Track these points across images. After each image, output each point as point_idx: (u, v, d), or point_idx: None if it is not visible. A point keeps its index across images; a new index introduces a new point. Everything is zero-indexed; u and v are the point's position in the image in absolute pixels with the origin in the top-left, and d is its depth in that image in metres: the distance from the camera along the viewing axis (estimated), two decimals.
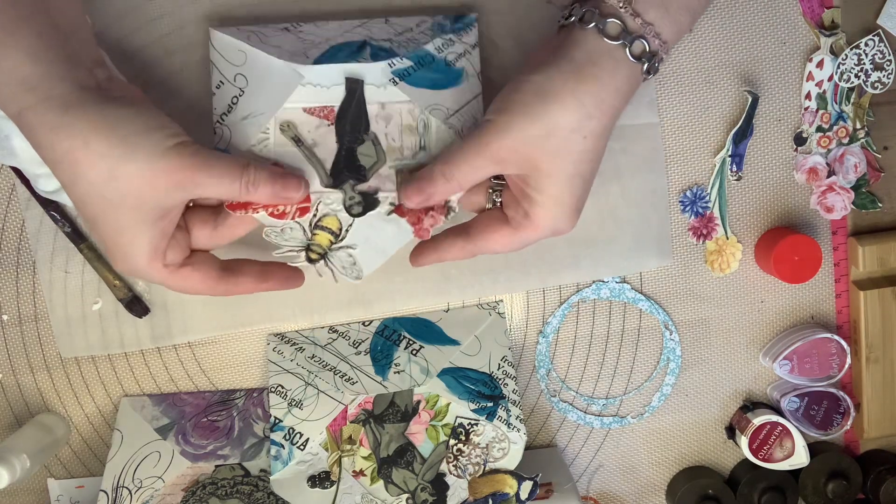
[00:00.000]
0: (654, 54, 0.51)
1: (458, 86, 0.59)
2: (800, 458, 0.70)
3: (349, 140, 0.57)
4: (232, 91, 0.58)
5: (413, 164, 0.58)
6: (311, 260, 0.58)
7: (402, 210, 0.57)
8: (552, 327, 0.70)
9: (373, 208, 0.57)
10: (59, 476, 0.69)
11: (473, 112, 0.59)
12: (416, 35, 0.60)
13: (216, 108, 0.58)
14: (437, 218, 0.57)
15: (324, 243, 0.57)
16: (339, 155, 0.57)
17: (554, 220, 0.53)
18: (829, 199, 0.69)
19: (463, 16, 0.61)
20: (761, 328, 0.71)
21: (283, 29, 0.60)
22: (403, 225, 0.57)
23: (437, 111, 0.58)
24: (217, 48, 0.59)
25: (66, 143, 0.46)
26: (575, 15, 0.52)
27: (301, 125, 0.57)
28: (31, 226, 0.64)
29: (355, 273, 0.58)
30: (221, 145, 0.58)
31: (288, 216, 0.56)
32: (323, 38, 0.59)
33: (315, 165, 0.57)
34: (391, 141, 0.58)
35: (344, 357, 0.66)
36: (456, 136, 0.58)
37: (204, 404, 0.68)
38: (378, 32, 0.60)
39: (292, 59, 0.57)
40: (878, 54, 0.67)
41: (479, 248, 0.56)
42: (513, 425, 0.63)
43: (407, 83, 0.58)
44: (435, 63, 0.59)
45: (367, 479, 0.63)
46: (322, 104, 0.57)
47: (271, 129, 0.57)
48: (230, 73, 0.58)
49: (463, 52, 0.60)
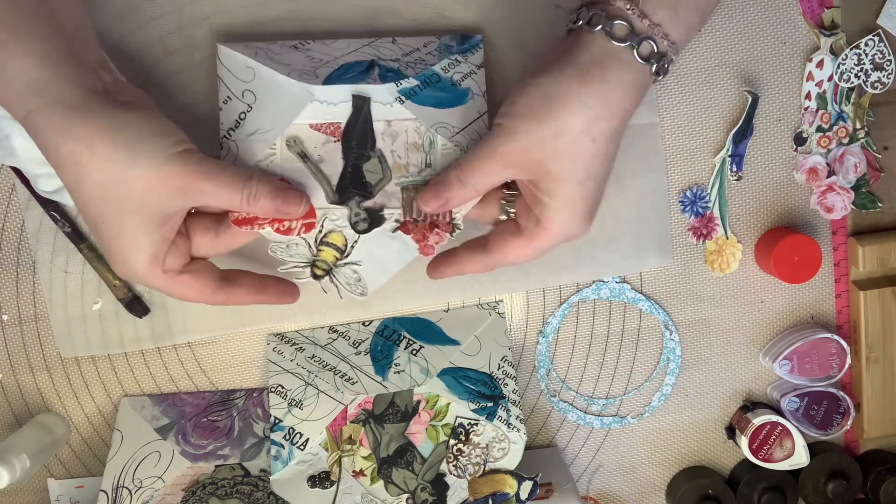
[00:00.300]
0: (662, 55, 0.51)
1: (464, 104, 0.59)
2: (800, 458, 0.70)
3: (355, 157, 0.58)
4: (240, 107, 0.58)
5: (419, 181, 0.58)
6: (317, 276, 0.58)
7: (407, 227, 0.58)
8: (552, 327, 0.70)
9: (378, 225, 0.58)
10: (59, 476, 0.69)
11: (478, 130, 0.60)
12: (423, 56, 0.60)
13: (223, 122, 0.58)
14: (443, 235, 0.58)
15: (329, 259, 0.58)
16: (346, 171, 0.58)
17: (565, 224, 0.53)
18: (829, 199, 0.69)
19: (469, 36, 0.62)
20: (761, 328, 0.71)
21: (291, 47, 0.60)
22: (408, 242, 0.58)
23: (443, 129, 0.58)
24: (224, 64, 0.59)
25: (72, 146, 0.47)
26: (582, 18, 0.52)
27: (307, 141, 0.58)
28: (31, 226, 0.64)
29: (360, 289, 0.59)
30: (228, 160, 0.58)
31: (294, 232, 0.57)
32: (331, 56, 0.60)
33: (321, 181, 0.58)
34: (397, 158, 0.58)
35: (344, 357, 0.66)
36: (461, 153, 0.58)
37: (204, 404, 0.68)
38: (386, 52, 0.60)
39: (302, 78, 0.57)
40: (877, 54, 0.67)
41: (497, 260, 0.56)
42: (513, 425, 0.63)
43: (413, 102, 0.58)
44: (441, 82, 0.59)
45: (367, 479, 0.63)
46: (329, 121, 0.58)
47: (278, 145, 0.58)
48: (238, 88, 0.58)
49: (469, 72, 0.60)
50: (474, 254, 0.57)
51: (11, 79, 0.46)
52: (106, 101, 0.48)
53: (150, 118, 0.50)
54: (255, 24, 0.62)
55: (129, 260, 0.51)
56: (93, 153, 0.47)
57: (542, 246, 0.54)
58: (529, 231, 0.54)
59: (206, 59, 0.63)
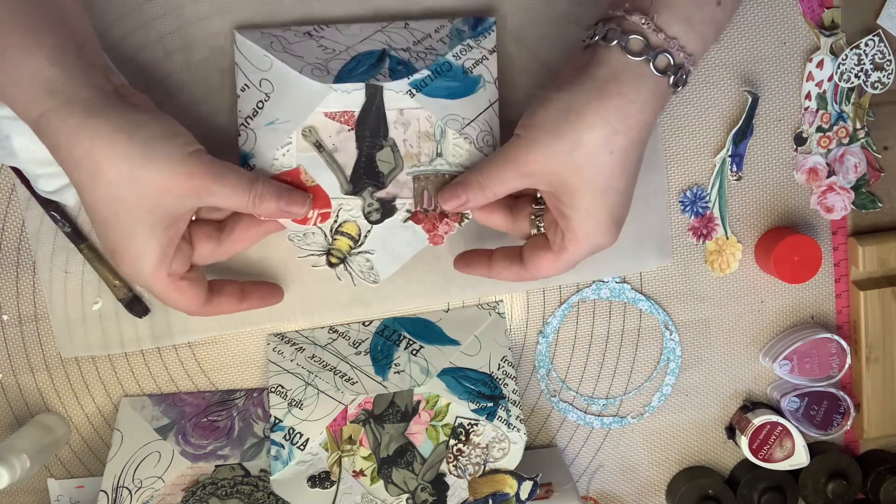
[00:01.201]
0: (679, 67, 0.51)
1: (475, 93, 0.60)
2: (800, 459, 0.70)
3: (368, 146, 0.59)
4: (257, 95, 0.59)
5: (430, 171, 0.59)
6: (332, 264, 0.61)
7: (417, 217, 0.60)
8: (552, 327, 0.70)
9: (390, 215, 0.60)
10: (59, 476, 0.69)
11: (488, 120, 0.60)
12: (434, 43, 0.61)
13: (241, 110, 0.60)
14: (452, 225, 0.60)
15: (344, 248, 0.60)
16: (359, 161, 0.59)
17: (589, 235, 0.53)
18: (829, 200, 0.69)
19: (482, 19, 0.62)
20: (761, 328, 0.71)
21: (304, 34, 0.61)
22: (419, 232, 0.60)
23: (453, 121, 0.59)
24: (241, 51, 0.60)
25: (88, 145, 0.48)
26: (598, 34, 0.52)
27: (322, 130, 0.59)
28: (31, 226, 0.64)
29: (372, 277, 0.61)
30: (246, 147, 0.59)
31: (310, 222, 0.59)
32: (343, 45, 0.60)
33: (336, 171, 0.59)
34: (409, 147, 0.59)
35: (344, 357, 0.66)
36: (470, 145, 0.60)
37: (204, 404, 0.68)
38: (398, 39, 0.61)
39: (315, 74, 0.58)
40: (878, 54, 0.67)
41: (531, 274, 0.57)
42: (513, 425, 0.63)
43: (424, 94, 0.59)
44: (452, 71, 0.60)
45: (367, 479, 0.63)
46: (342, 109, 0.59)
47: (294, 135, 0.59)
48: (255, 77, 0.59)
49: (480, 58, 0.61)
50: (511, 265, 0.58)
51: (26, 79, 0.47)
52: (119, 103, 0.49)
53: (161, 119, 0.51)
54: (255, 25, 0.62)
55: (137, 261, 0.51)
56: (112, 151, 0.48)
57: (570, 258, 0.55)
58: (557, 245, 0.55)
59: (207, 59, 0.63)
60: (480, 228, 0.64)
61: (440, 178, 0.60)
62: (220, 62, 0.63)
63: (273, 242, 0.65)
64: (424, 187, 0.60)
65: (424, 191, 0.60)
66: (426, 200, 0.60)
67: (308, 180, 0.59)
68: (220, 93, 0.63)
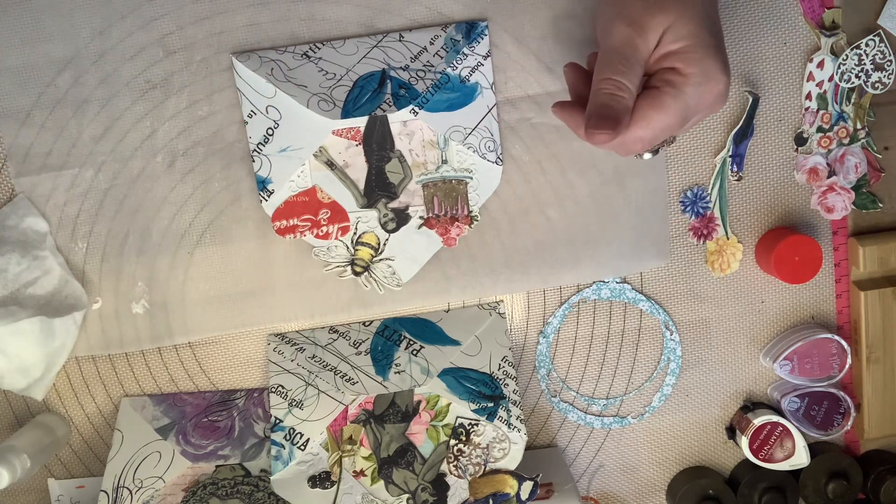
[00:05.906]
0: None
1: (473, 102, 0.63)
2: (800, 459, 0.70)
3: (377, 159, 0.63)
4: (266, 122, 0.62)
5: (437, 178, 0.63)
6: (357, 273, 0.65)
7: (430, 223, 0.64)
8: (553, 327, 0.70)
9: (405, 223, 0.64)
10: (59, 476, 0.69)
11: (488, 125, 0.63)
12: (431, 58, 0.62)
13: (251, 136, 0.62)
14: (463, 228, 0.64)
15: (366, 257, 0.64)
16: (370, 174, 0.63)
17: (702, 61, 0.51)
18: (829, 200, 0.69)
19: (474, 24, 0.62)
20: (762, 328, 0.71)
21: (302, 55, 0.62)
22: (433, 236, 0.64)
23: (456, 132, 0.62)
24: (243, 77, 0.62)
25: None
26: None
27: (331, 147, 0.62)
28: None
29: (395, 281, 0.65)
30: (262, 173, 0.62)
31: (332, 237, 0.64)
32: (343, 67, 0.62)
33: (349, 187, 0.63)
34: (415, 156, 0.63)
35: (344, 357, 0.66)
36: (473, 154, 0.63)
37: (204, 404, 0.68)
38: (395, 56, 0.62)
39: (322, 107, 0.60)
40: (878, 54, 0.67)
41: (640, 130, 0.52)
42: (513, 425, 0.63)
43: (426, 110, 0.62)
44: (451, 82, 0.62)
45: (367, 479, 0.63)
46: (348, 125, 0.62)
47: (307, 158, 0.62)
48: (261, 104, 0.62)
49: (476, 64, 0.63)
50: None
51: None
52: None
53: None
54: (255, 25, 0.62)
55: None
56: None
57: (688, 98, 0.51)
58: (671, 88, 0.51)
59: (207, 60, 0.63)
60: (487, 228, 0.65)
61: (448, 185, 0.63)
62: (220, 62, 0.63)
63: (273, 242, 0.65)
64: (434, 194, 0.63)
65: (434, 197, 0.63)
66: (436, 206, 0.64)
67: (325, 197, 0.63)
68: (221, 93, 0.63)
